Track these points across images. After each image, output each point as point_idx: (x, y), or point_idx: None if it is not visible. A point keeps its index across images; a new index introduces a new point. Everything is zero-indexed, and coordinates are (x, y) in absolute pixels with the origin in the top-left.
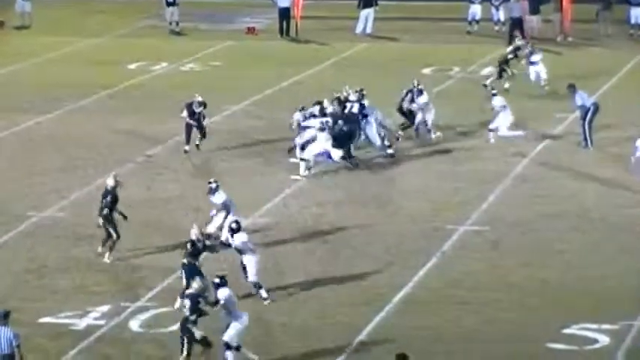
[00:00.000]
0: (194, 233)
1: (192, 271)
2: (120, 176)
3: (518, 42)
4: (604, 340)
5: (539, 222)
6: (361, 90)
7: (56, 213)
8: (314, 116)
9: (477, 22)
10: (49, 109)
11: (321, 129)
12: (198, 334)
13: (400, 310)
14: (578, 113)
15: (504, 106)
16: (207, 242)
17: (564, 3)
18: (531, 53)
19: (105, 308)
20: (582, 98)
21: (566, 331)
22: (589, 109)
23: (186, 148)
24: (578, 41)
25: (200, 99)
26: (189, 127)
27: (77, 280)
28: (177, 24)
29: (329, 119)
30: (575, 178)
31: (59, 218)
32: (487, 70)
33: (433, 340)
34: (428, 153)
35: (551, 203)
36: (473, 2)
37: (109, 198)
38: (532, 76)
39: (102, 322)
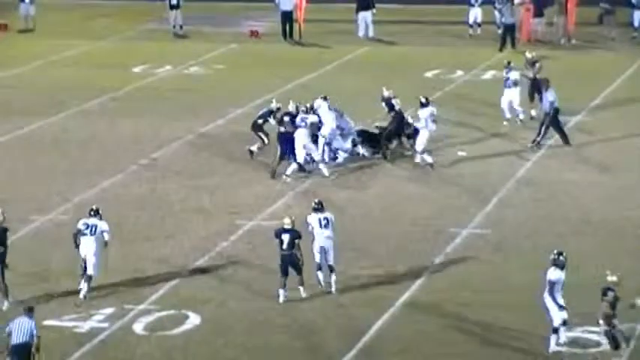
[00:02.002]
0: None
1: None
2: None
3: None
4: (607, 342)
5: (541, 225)
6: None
7: (60, 216)
8: (290, 115)
9: (479, 25)
10: (53, 112)
11: (298, 126)
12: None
13: (403, 313)
14: (544, 108)
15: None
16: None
17: (568, 6)
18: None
19: (109, 311)
20: (553, 97)
21: (569, 333)
22: (555, 109)
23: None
24: (582, 44)
25: (277, 105)
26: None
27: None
28: (181, 27)
29: (307, 116)
30: (577, 181)
31: (63, 221)
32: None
33: (436, 342)
34: (431, 155)
35: (554, 206)
36: (472, 5)
37: None
38: (503, 103)
39: (106, 324)
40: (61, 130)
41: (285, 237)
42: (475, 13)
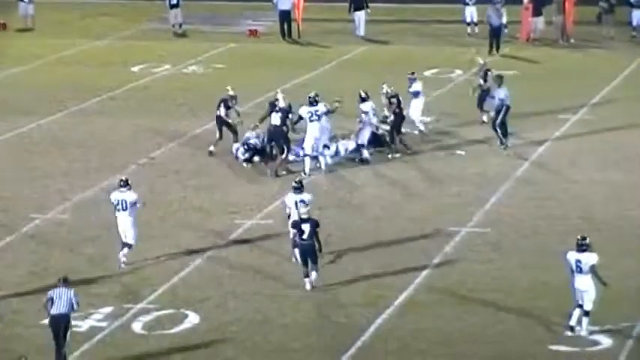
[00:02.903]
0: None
1: None
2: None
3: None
4: (606, 341)
5: (540, 224)
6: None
7: (59, 215)
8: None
9: (476, 24)
10: (52, 112)
11: (311, 120)
12: None
13: (402, 312)
14: (495, 106)
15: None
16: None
17: (567, 5)
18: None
19: (107, 310)
20: (505, 94)
21: (569, 332)
22: (506, 107)
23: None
24: (581, 43)
25: (232, 92)
26: (222, 124)
27: (80, 282)
28: (181, 26)
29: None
30: (577, 180)
31: (62, 220)
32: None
33: (435, 341)
34: (429, 155)
35: (553, 205)
36: (467, 4)
37: None
38: (412, 112)
39: (104, 324)
40: (60, 129)
41: (306, 226)
42: (470, 12)
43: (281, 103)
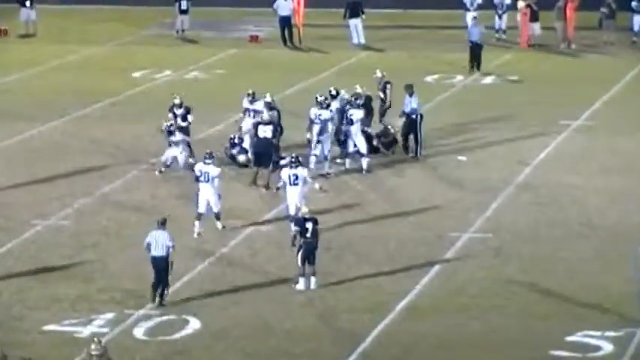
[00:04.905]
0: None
1: None
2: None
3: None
4: (607, 347)
5: (541, 229)
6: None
7: (60, 221)
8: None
9: None
10: (54, 117)
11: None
12: None
13: (403, 317)
14: (404, 115)
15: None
16: None
17: (568, 11)
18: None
19: (109, 316)
20: (417, 102)
21: (570, 338)
22: (420, 116)
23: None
24: (582, 49)
25: (178, 100)
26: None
27: (81, 288)
28: (183, 31)
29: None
30: (578, 185)
31: (63, 226)
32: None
33: (436, 347)
34: (431, 160)
35: (554, 211)
36: (468, 10)
37: None
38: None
39: (106, 329)
40: (62, 135)
41: (309, 225)
42: (472, 18)
43: (268, 99)
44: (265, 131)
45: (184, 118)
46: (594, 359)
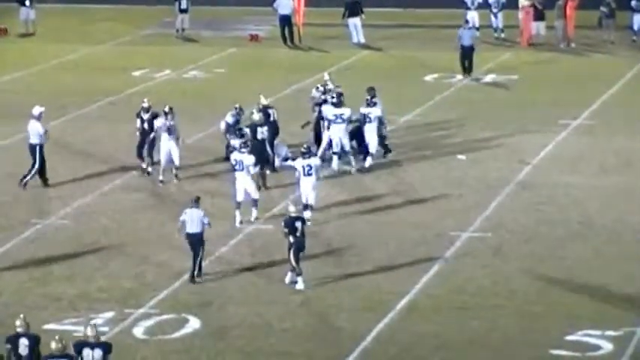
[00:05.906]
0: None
1: None
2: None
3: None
4: (607, 346)
5: (541, 228)
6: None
7: (60, 220)
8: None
9: (477, 28)
10: (53, 116)
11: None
12: None
13: (403, 317)
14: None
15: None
16: None
17: (568, 10)
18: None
19: (109, 315)
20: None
21: (569, 337)
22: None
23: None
24: (581, 48)
25: (146, 104)
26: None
27: (81, 287)
28: (184, 30)
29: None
30: (577, 184)
31: (63, 225)
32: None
33: (436, 346)
34: (431, 160)
35: (554, 210)
36: (469, 8)
37: None
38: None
39: (106, 328)
40: (61, 134)
41: (299, 224)
42: (472, 17)
43: (262, 101)
44: (262, 133)
45: (150, 123)
46: (594, 358)
